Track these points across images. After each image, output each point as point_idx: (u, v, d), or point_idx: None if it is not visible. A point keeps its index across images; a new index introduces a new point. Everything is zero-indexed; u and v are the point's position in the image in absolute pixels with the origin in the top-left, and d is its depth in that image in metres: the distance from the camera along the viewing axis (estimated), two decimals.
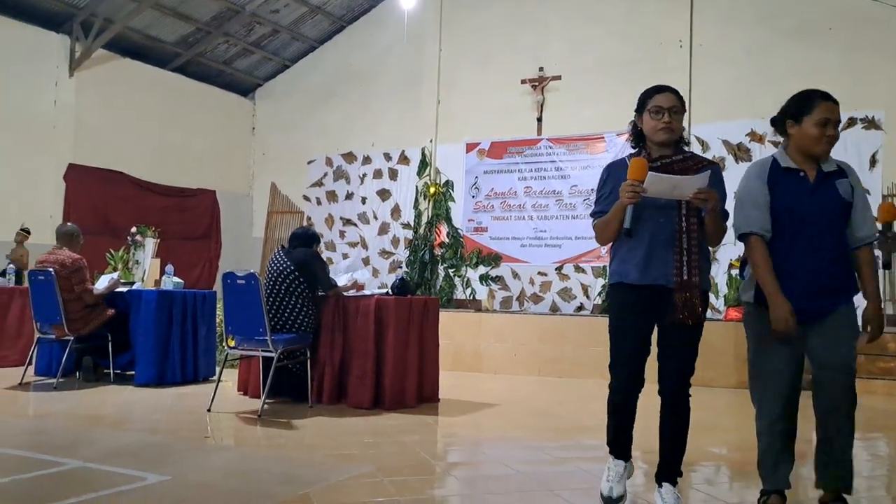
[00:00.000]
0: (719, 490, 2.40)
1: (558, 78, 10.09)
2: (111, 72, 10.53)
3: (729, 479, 3.73)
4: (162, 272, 7.09)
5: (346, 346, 5.51)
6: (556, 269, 9.90)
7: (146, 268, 7.49)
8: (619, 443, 3.09)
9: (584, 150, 9.78)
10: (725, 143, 9.06)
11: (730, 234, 2.92)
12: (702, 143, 9.06)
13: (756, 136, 8.90)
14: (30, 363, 6.40)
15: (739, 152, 8.95)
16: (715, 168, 2.84)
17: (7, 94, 9.34)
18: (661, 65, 9.15)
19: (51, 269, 5.99)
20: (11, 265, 7.73)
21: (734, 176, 3.30)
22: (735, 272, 8.18)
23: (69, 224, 6.62)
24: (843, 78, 8.14)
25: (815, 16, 8.78)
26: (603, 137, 9.66)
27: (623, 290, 2.92)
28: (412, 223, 11.03)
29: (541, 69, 10.20)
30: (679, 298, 2.79)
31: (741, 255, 3.06)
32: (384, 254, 11.39)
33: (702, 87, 9.10)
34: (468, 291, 10.25)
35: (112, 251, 7.75)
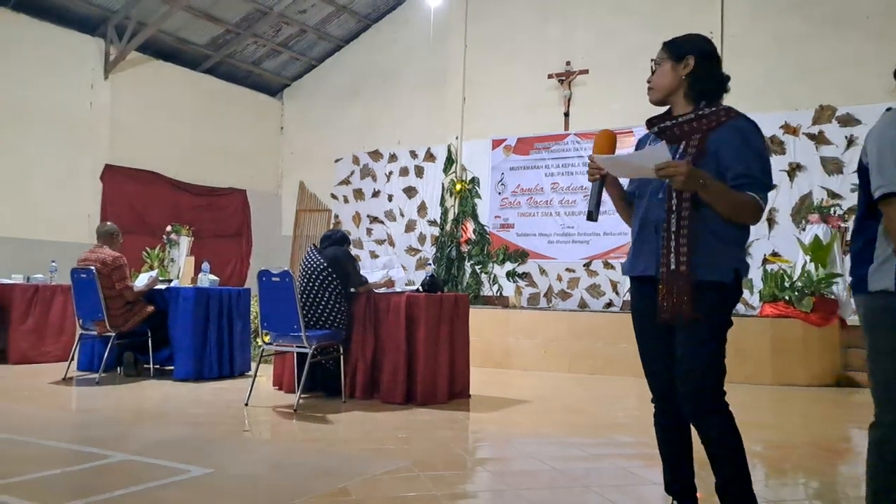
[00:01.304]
0: (756, 487, 2.42)
1: (585, 72, 10.06)
2: (144, 74, 10.74)
3: (765, 477, 3.74)
4: (196, 270, 7.24)
5: (378, 343, 5.59)
6: (584, 266, 9.89)
7: (181, 265, 7.66)
8: (665, 470, 2.70)
9: None
10: None
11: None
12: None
13: (790, 129, 8.78)
14: (73, 359, 6.60)
15: (773, 145, 8.85)
16: (737, 122, 2.31)
17: (46, 96, 9.57)
18: None
19: (92, 268, 6.16)
20: (54, 263, 7.92)
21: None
22: (772, 267, 8.08)
23: (109, 223, 6.80)
24: (880, 68, 8.02)
25: (851, 4, 8.63)
26: (632, 131, 9.61)
27: (631, 285, 2.63)
28: (438, 220, 11.09)
29: (567, 63, 10.19)
30: (662, 291, 2.34)
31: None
32: (411, 251, 11.47)
33: (733, 79, 8.84)
34: (495, 288, 10.29)
35: (148, 249, 7.94)
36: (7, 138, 9.21)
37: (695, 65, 2.40)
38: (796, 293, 7.26)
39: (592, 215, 2.51)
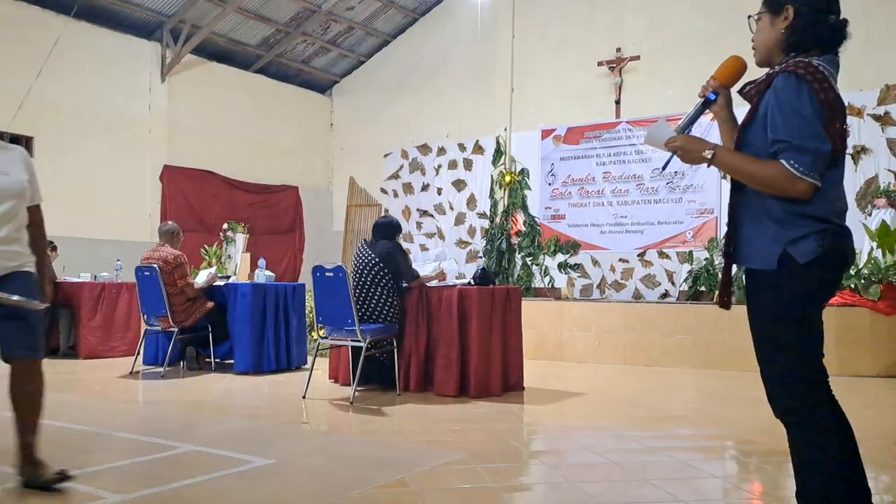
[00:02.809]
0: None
1: (637, 58, 9.90)
2: (199, 75, 11.00)
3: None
4: (253, 266, 7.40)
5: (431, 336, 5.63)
6: (638, 256, 9.76)
7: (238, 262, 7.83)
8: None
9: None
10: None
11: None
12: None
13: (854, 110, 8.43)
14: (139, 353, 6.84)
15: None
16: (777, 79, 2.04)
17: (107, 100, 9.88)
18: (746, 38, 8.79)
19: (155, 266, 6.36)
20: (119, 262, 8.19)
21: None
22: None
23: (169, 223, 6.99)
24: None
25: None
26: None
27: None
28: (488, 213, 11.07)
29: (618, 50, 10.04)
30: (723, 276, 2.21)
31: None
32: (461, 244, 11.50)
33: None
34: (547, 280, 10.24)
35: (207, 247, 8.14)
36: (71, 142, 9.55)
37: (794, 16, 2.10)
38: (862, 281, 7.04)
39: (683, 128, 2.21)
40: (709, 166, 2.13)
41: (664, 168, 2.38)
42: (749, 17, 2.24)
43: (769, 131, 2.01)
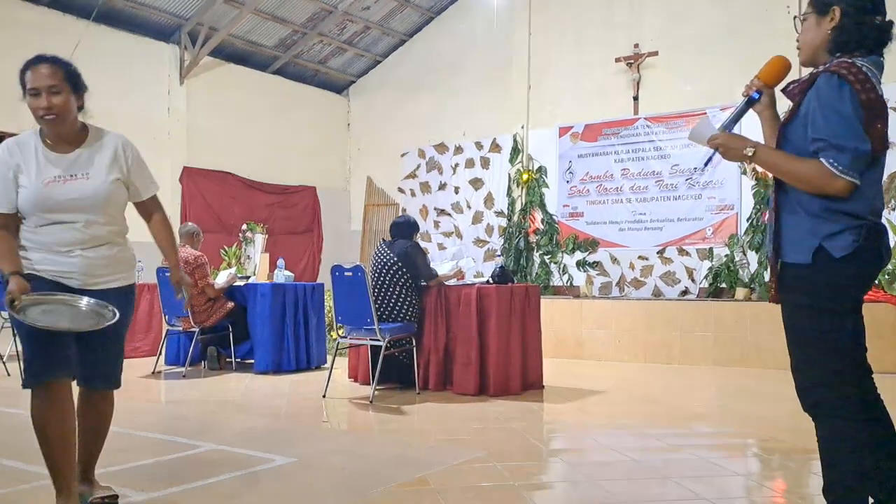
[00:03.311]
0: None
1: (655, 54, 9.82)
2: (217, 77, 11.06)
3: None
4: (272, 266, 7.44)
5: (450, 334, 5.64)
6: (657, 253, 9.70)
7: (257, 262, 7.87)
8: None
9: (684, 128, 9.50)
10: None
11: None
12: None
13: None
14: (160, 353, 6.90)
15: None
16: (819, 78, 2.07)
17: (127, 103, 9.96)
18: (767, 33, 8.68)
19: None
20: (141, 262, 8.26)
21: None
22: None
23: (190, 224, 7.05)
24: None
25: None
26: (705, 113, 9.33)
27: None
28: (506, 211, 11.05)
29: (635, 46, 9.97)
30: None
31: None
32: (479, 242, 11.48)
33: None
34: (565, 278, 10.21)
35: (226, 248, 8.19)
36: None
37: (840, 17, 2.11)
38: (887, 276, 6.95)
39: (727, 126, 2.25)
40: (749, 164, 2.16)
41: (706, 165, 2.44)
42: (795, 17, 2.27)
43: (810, 130, 2.04)
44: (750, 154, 2.12)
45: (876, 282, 6.85)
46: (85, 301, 2.57)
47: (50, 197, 2.55)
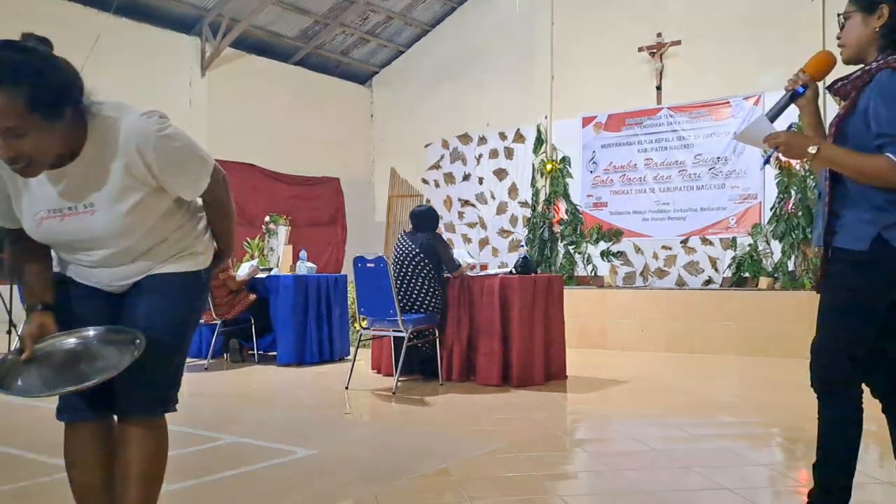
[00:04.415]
0: (869, 468, 2.32)
1: (678, 43, 9.70)
2: (239, 69, 11.11)
3: (879, 458, 3.55)
4: (295, 258, 7.47)
5: (473, 325, 5.63)
6: (681, 243, 9.61)
7: (280, 254, 7.91)
8: None
9: (707, 117, 9.40)
10: None
11: None
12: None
13: None
14: (190, 344, 6.95)
15: None
16: (880, 75, 2.08)
17: (148, 96, 10.01)
18: (790, 22, 8.58)
19: None
20: None
21: None
22: None
23: None
24: None
25: None
26: (728, 102, 9.24)
27: None
28: (530, 201, 11.00)
29: (658, 35, 9.84)
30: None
31: None
32: (503, 233, 11.44)
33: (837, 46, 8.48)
34: (589, 268, 10.15)
35: (248, 240, 8.24)
36: None
37: (890, 14, 2.13)
38: None
39: (771, 119, 2.24)
40: (812, 161, 2.17)
41: (766, 163, 2.44)
42: (838, 15, 2.27)
43: (873, 125, 2.05)
44: (814, 152, 2.12)
45: None
46: (93, 333, 1.88)
47: (48, 237, 1.85)
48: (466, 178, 11.94)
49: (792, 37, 8.44)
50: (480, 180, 11.77)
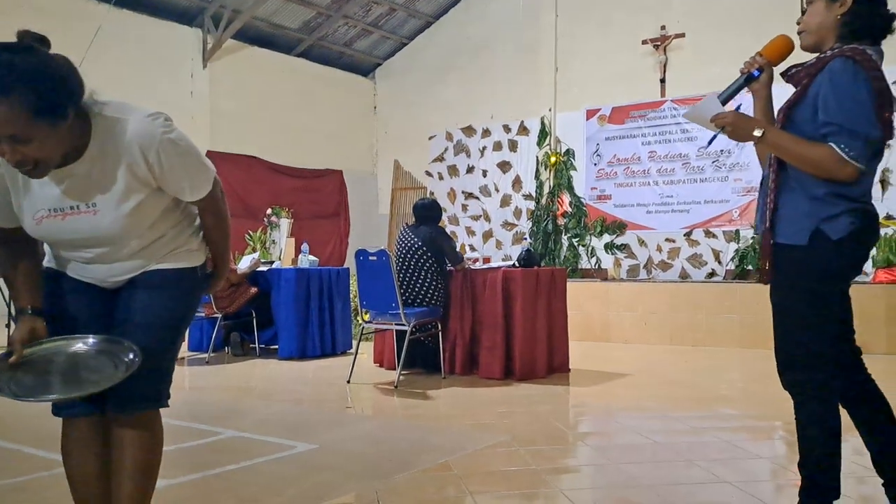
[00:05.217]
0: (867, 464, 2.31)
1: (682, 35, 9.65)
2: (241, 61, 11.07)
3: None
4: (297, 251, 7.45)
5: (476, 319, 5.61)
6: (684, 235, 9.58)
7: (282, 247, 7.90)
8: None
9: None
10: None
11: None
12: None
13: None
14: (184, 340, 6.94)
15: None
16: (833, 63, 2.05)
17: (150, 88, 10.00)
18: (794, 14, 8.45)
19: None
20: None
21: None
22: (886, 231, 7.57)
23: None
24: None
25: None
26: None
27: None
28: (534, 194, 10.97)
29: (662, 28, 9.80)
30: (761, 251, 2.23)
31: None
32: (507, 226, 11.41)
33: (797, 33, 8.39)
34: (593, 261, 10.13)
35: (250, 232, 8.22)
36: None
37: (852, 3, 2.11)
38: None
39: (723, 101, 2.20)
40: (756, 144, 2.14)
41: (709, 144, 2.37)
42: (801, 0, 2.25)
43: (821, 114, 2.03)
44: (759, 135, 2.09)
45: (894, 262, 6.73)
46: (91, 342, 1.88)
47: (48, 236, 1.86)
48: (470, 170, 11.91)
49: (795, 29, 8.37)
50: (484, 173, 11.73)
